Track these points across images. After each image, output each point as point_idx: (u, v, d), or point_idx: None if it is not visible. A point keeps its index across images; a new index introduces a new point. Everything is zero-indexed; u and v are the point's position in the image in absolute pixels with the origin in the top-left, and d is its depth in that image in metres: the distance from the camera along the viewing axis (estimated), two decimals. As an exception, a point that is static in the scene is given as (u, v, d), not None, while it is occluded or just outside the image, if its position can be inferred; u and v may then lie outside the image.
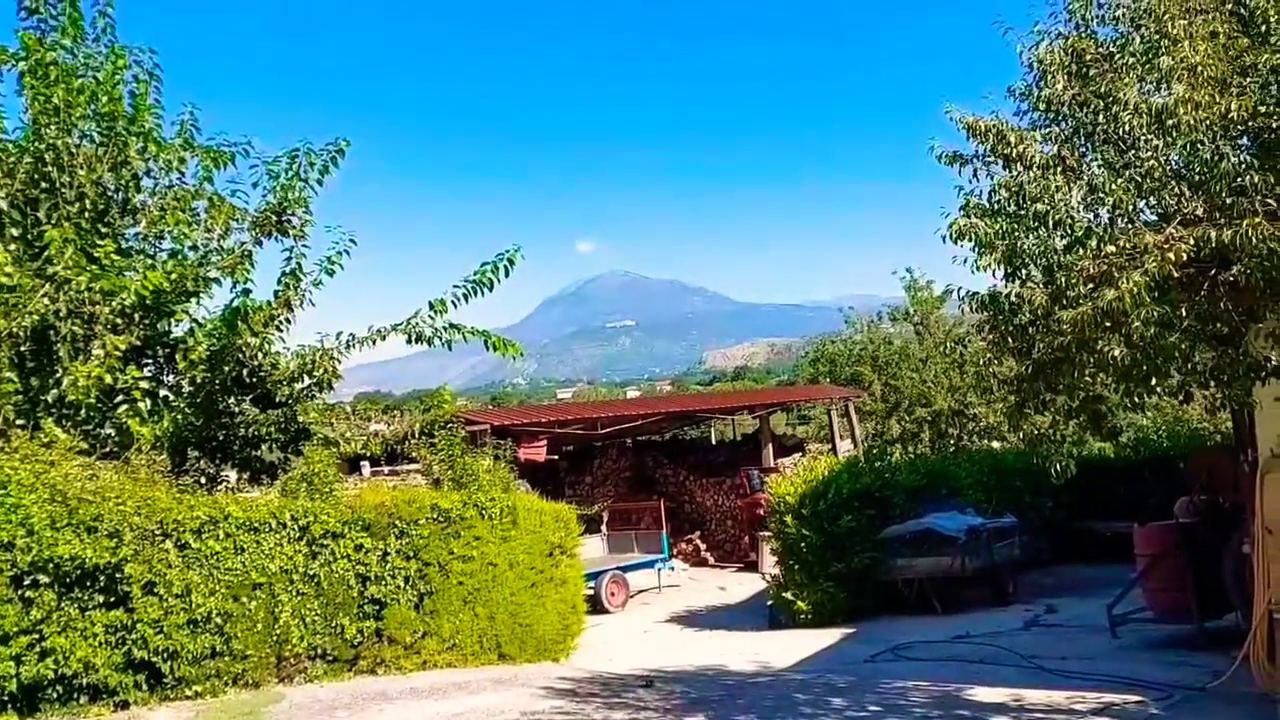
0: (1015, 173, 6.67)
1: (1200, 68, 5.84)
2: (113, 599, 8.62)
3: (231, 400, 11.14)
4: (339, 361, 11.33)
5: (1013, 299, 6.69)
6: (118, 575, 8.55)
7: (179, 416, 10.35)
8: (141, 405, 9.85)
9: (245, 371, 10.86)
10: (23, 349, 9.55)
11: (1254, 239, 5.45)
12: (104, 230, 10.22)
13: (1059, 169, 6.48)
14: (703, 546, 22.97)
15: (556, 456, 23.81)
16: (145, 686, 8.75)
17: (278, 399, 11.29)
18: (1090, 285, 6.08)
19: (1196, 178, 6.11)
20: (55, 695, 8.36)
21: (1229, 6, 6.29)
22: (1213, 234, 5.64)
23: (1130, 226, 6.23)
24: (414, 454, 14.46)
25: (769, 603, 14.47)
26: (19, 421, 9.38)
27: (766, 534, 16.55)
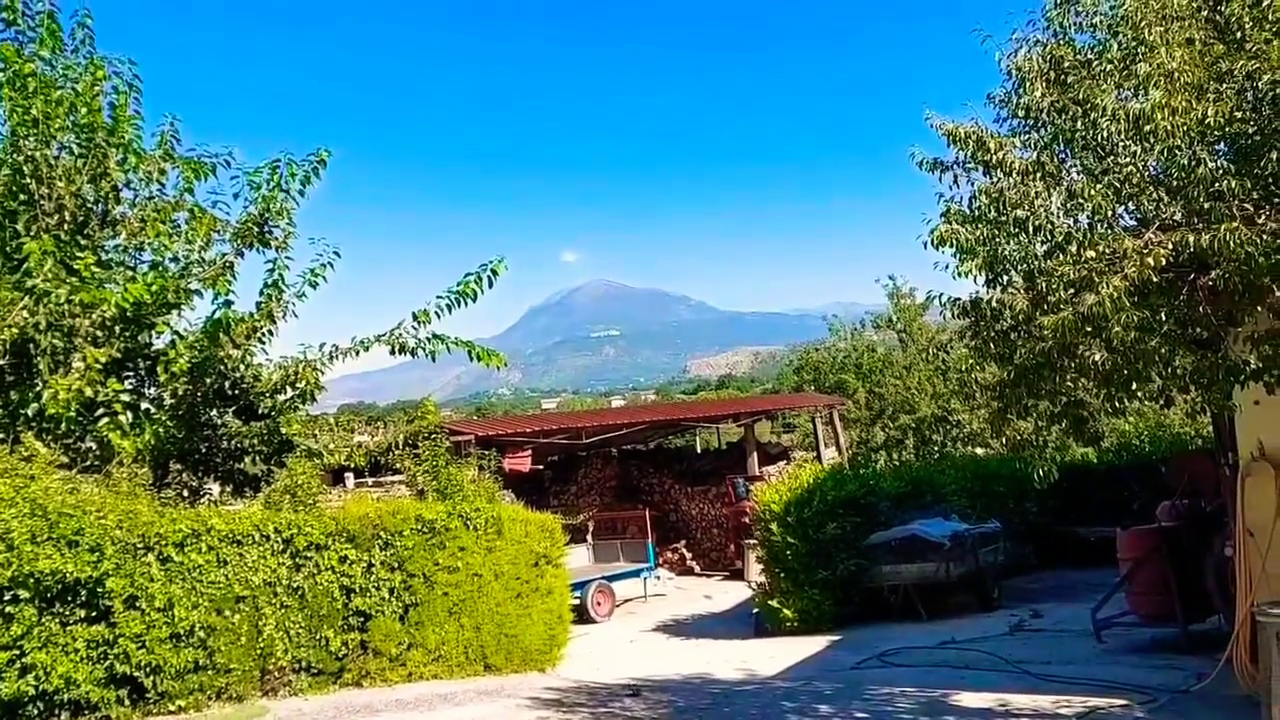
0: (995, 179, 6.70)
1: (1177, 74, 5.89)
2: (94, 614, 8.56)
3: (214, 412, 11.08)
4: (322, 373, 11.29)
5: (994, 305, 6.73)
6: (99, 590, 8.48)
7: (160, 429, 10.27)
8: (122, 418, 9.77)
9: (227, 383, 10.81)
10: (1, 362, 9.47)
11: (1232, 243, 5.49)
12: (84, 242, 10.14)
13: (1038, 175, 6.51)
14: (688, 555, 22.97)
15: (541, 466, 23.75)
16: (127, 701, 8.69)
17: (260, 411, 11.24)
18: (1070, 290, 6.12)
19: (1174, 183, 6.16)
20: (36, 712, 8.29)
21: (1205, 14, 6.35)
22: (1191, 239, 5.68)
23: (1109, 232, 6.27)
24: (398, 465, 14.42)
25: (755, 610, 14.47)
26: (-2, 435, 9.31)
27: (752, 542, 16.56)
